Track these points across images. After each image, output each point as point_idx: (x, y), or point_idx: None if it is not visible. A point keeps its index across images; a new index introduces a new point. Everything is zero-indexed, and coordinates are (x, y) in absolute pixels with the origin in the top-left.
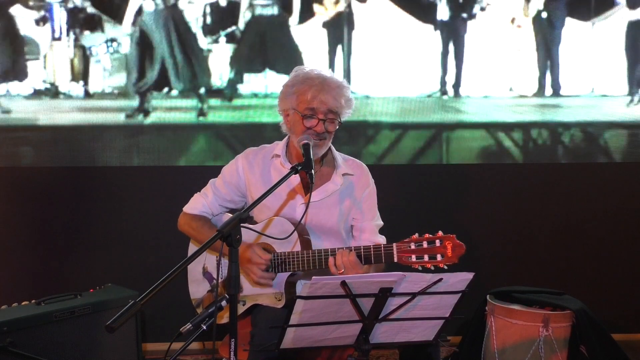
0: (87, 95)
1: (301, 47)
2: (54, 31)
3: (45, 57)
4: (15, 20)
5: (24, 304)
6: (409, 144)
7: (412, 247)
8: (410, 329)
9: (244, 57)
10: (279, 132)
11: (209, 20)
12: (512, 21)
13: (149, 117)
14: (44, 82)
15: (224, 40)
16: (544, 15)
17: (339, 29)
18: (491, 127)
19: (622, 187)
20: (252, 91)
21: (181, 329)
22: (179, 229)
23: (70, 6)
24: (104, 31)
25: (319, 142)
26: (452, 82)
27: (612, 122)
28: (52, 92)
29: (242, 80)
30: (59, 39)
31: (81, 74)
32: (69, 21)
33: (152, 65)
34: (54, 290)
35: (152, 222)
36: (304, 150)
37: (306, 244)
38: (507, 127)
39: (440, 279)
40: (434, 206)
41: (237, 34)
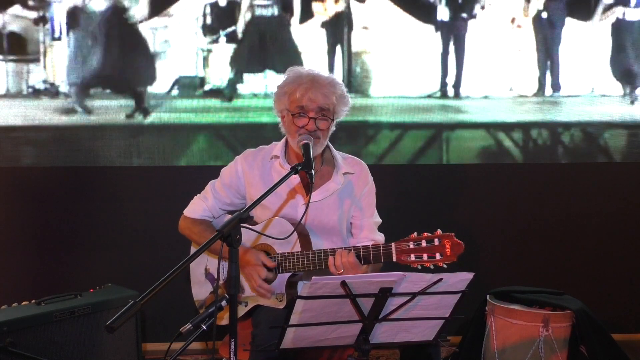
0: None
1: (301, 47)
2: (53, 31)
3: (45, 57)
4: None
5: (24, 304)
6: (409, 144)
7: (411, 246)
8: (410, 329)
9: (244, 57)
10: (278, 132)
11: (208, 20)
12: (512, 21)
13: (149, 117)
14: (44, 82)
15: (223, 40)
16: (544, 15)
17: (339, 29)
18: (491, 127)
19: (622, 187)
20: (252, 91)
21: (181, 329)
22: (179, 232)
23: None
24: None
25: (314, 140)
26: (452, 82)
27: (612, 122)
28: (52, 92)
29: (242, 80)
30: (59, 39)
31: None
32: (68, 21)
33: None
34: (54, 290)
35: (152, 222)
36: (304, 150)
37: (306, 244)
38: (507, 127)
39: (440, 279)
40: (433, 206)
41: (237, 34)
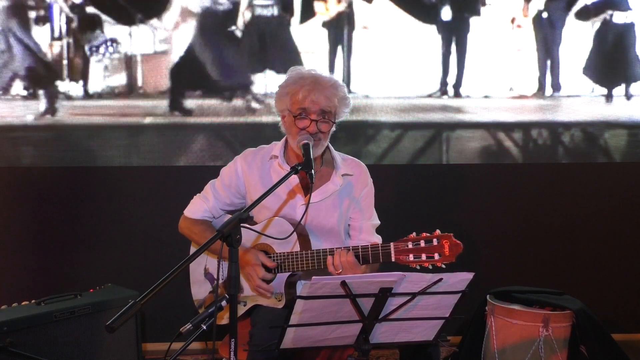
0: (86, 95)
1: (301, 47)
2: (53, 31)
3: (45, 57)
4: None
5: (24, 304)
6: (409, 144)
7: (410, 246)
8: (410, 329)
9: (244, 57)
10: (278, 132)
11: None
12: (512, 21)
13: (148, 117)
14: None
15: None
16: (544, 15)
17: (340, 29)
18: (491, 127)
19: (622, 187)
20: (252, 91)
21: (181, 329)
22: (179, 232)
23: (70, 6)
24: (103, 31)
25: (314, 141)
26: (452, 82)
27: (612, 122)
28: (52, 92)
29: (241, 80)
30: (59, 39)
31: (81, 74)
32: (68, 21)
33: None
34: (54, 290)
35: (152, 222)
36: (304, 150)
37: (305, 244)
38: (507, 127)
39: (440, 279)
40: (433, 206)
41: (237, 34)
